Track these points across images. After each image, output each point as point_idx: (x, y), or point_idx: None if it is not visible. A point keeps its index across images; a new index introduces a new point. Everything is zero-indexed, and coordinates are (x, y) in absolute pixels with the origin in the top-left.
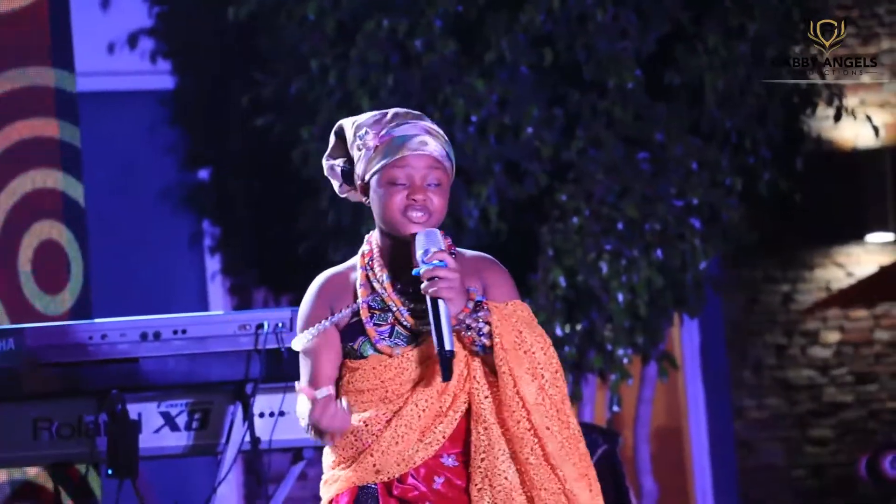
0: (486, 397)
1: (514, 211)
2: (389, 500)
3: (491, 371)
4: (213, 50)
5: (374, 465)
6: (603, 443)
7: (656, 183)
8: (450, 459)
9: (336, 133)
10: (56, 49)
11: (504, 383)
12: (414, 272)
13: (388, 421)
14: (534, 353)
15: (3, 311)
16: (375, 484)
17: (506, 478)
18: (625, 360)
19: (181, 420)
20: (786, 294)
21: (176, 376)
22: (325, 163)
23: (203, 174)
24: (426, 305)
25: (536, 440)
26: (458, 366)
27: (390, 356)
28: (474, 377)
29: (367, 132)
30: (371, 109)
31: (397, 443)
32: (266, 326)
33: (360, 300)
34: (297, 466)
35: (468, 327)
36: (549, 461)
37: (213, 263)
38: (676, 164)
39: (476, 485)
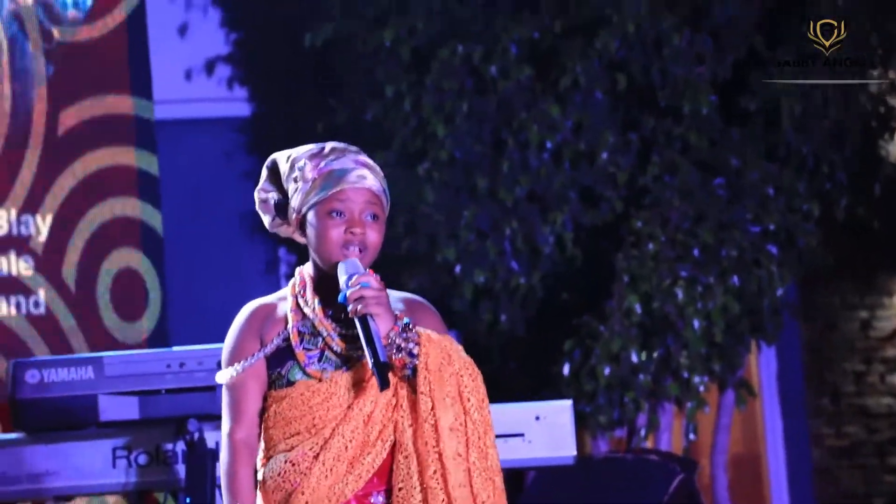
0: (410, 425)
1: (590, 237)
2: None
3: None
4: (290, 77)
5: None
6: (680, 471)
7: (732, 209)
8: (379, 498)
9: (268, 166)
10: (134, 77)
11: (421, 404)
12: (340, 298)
13: (316, 456)
14: (461, 376)
15: (81, 339)
16: None
17: None
18: (701, 388)
19: None
20: (864, 321)
21: None
22: (256, 196)
23: None
24: (356, 330)
25: (440, 466)
26: (387, 394)
27: (319, 380)
28: (401, 406)
29: (305, 164)
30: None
31: (326, 476)
32: None
33: (290, 325)
34: None
35: (399, 348)
36: (447, 489)
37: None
38: (752, 189)
39: None
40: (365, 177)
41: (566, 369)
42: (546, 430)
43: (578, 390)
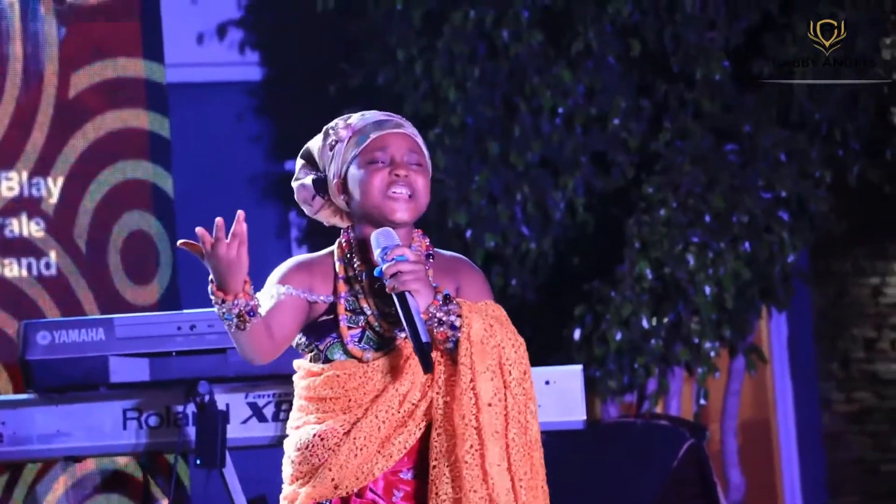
0: (445, 401)
1: (601, 202)
2: None
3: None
4: (301, 40)
5: (332, 480)
6: (690, 436)
7: (744, 174)
8: (409, 474)
9: (302, 156)
10: (146, 40)
11: (461, 376)
12: (375, 272)
13: (346, 433)
14: (503, 348)
15: (92, 302)
16: (330, 501)
17: (452, 487)
18: (712, 353)
19: (268, 411)
20: (875, 287)
21: (263, 367)
22: (293, 185)
23: (291, 164)
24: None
25: (478, 441)
26: (423, 376)
27: (360, 360)
28: (437, 382)
29: (337, 124)
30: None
31: (356, 456)
32: None
33: (339, 294)
34: None
35: (440, 322)
36: (484, 466)
37: (300, 254)
38: (765, 155)
39: (428, 493)
40: (402, 125)
41: (577, 334)
42: (556, 394)
43: (589, 355)
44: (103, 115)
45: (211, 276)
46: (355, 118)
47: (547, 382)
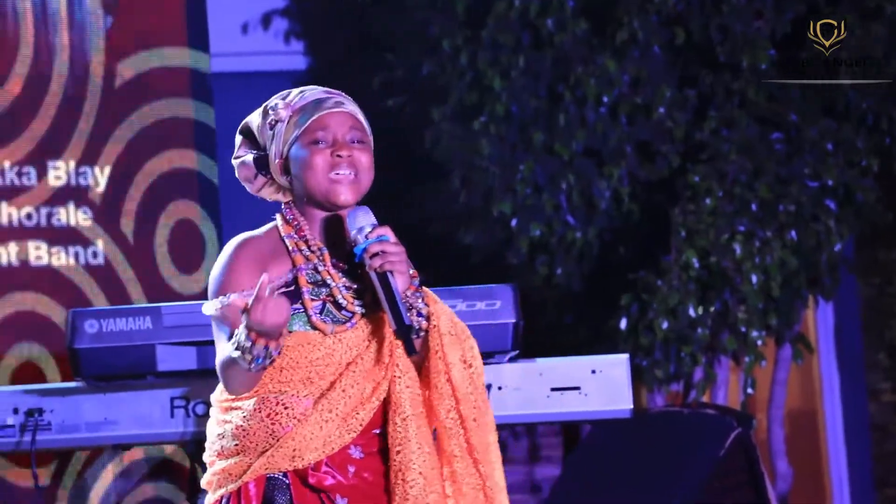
0: (407, 387)
1: (646, 192)
2: (303, 490)
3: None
4: (346, 31)
5: (294, 451)
6: (737, 426)
7: (790, 163)
8: (356, 451)
9: (241, 132)
10: (191, 30)
11: (436, 370)
12: (356, 250)
13: (314, 404)
14: (464, 339)
15: (139, 290)
16: (285, 474)
17: (420, 472)
18: (758, 342)
19: None
20: None
21: None
22: (234, 162)
23: None
24: (362, 284)
25: (462, 432)
26: (383, 350)
27: (325, 334)
28: (397, 364)
29: (277, 104)
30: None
31: (321, 428)
32: None
33: (299, 267)
34: None
35: (410, 307)
36: (473, 455)
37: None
38: (811, 144)
39: (391, 480)
40: (343, 103)
41: (623, 323)
42: (602, 383)
43: (635, 344)
44: (149, 105)
45: (248, 323)
46: (294, 96)
47: (593, 371)
